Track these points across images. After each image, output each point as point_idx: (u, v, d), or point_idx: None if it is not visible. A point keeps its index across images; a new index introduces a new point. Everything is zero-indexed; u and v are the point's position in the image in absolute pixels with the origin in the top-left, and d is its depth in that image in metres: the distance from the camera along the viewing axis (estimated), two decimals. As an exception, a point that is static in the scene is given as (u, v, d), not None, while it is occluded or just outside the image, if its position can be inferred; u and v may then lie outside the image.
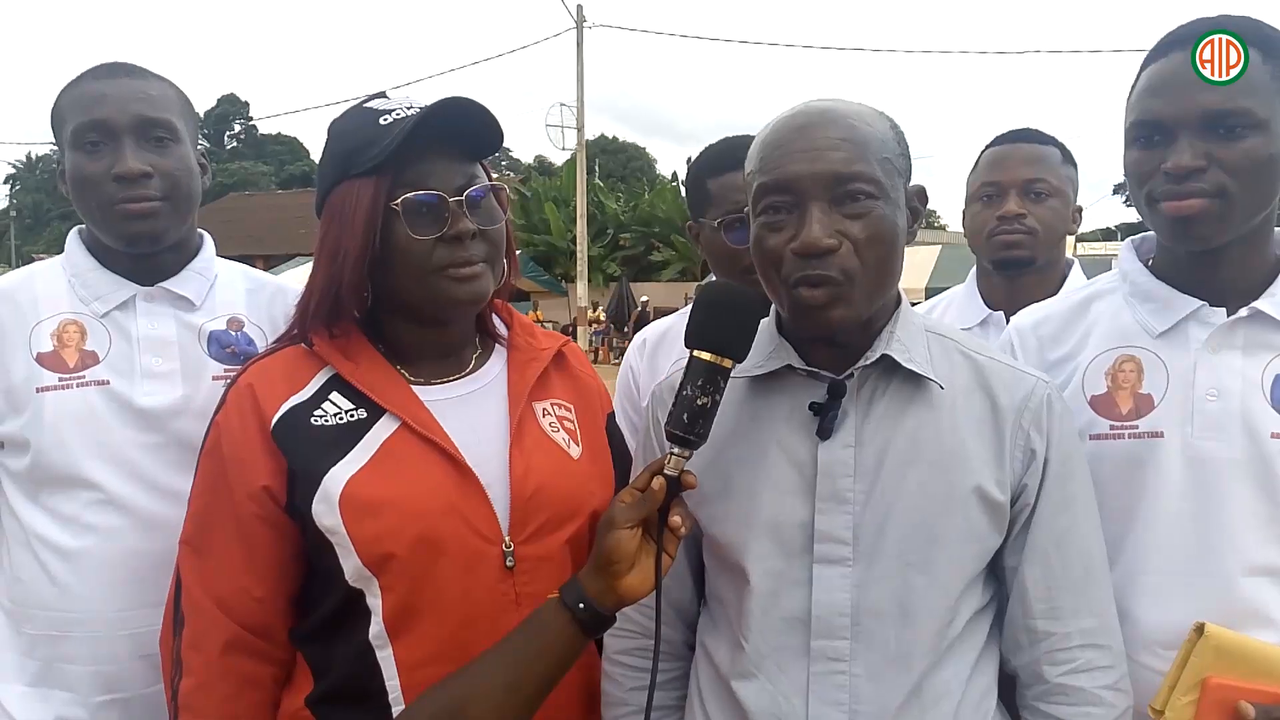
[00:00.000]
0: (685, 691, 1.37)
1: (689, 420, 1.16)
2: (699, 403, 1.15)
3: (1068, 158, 2.17)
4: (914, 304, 1.39)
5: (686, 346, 1.19)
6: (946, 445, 1.21)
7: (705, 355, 1.17)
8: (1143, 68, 1.35)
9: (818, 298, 1.17)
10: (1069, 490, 1.25)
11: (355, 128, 1.32)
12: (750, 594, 1.24)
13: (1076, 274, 2.16)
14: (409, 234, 1.28)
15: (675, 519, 1.17)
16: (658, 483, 1.16)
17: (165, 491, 1.56)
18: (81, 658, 1.57)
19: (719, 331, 1.18)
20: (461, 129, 1.31)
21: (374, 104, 1.33)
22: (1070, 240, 2.32)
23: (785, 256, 1.18)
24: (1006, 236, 2.10)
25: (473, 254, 1.30)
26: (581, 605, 1.17)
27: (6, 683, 1.61)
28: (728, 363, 1.17)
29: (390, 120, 1.28)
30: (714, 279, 1.30)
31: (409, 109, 1.30)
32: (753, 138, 1.28)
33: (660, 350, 2.09)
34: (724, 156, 1.89)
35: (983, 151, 2.22)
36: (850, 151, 1.17)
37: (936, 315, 2.23)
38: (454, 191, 1.29)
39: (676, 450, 1.17)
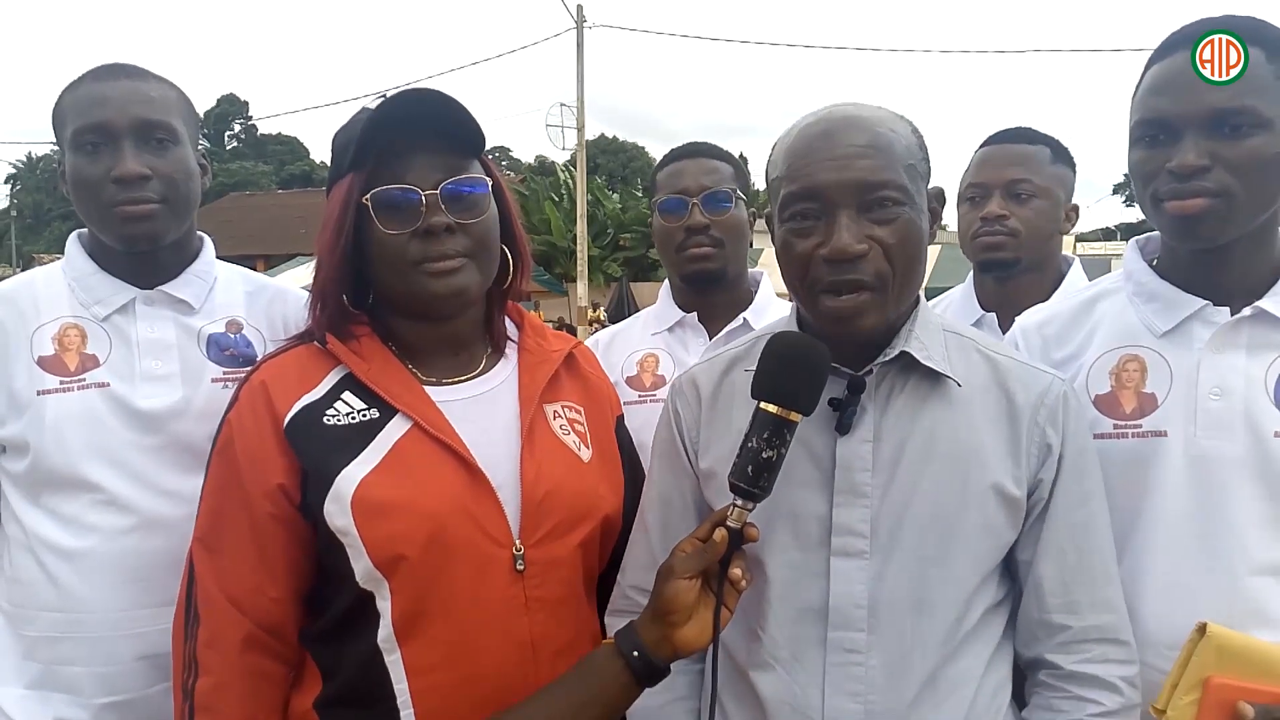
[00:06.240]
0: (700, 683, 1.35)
1: (754, 473, 1.14)
2: (764, 456, 1.14)
3: (1059, 156, 2.13)
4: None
5: (753, 398, 1.17)
6: (963, 441, 1.22)
7: (771, 408, 1.15)
8: (1147, 67, 1.35)
9: (847, 307, 1.18)
10: (1085, 486, 1.26)
11: (348, 128, 1.34)
12: (768, 585, 1.25)
13: (1076, 273, 2.14)
14: (381, 229, 1.29)
15: (736, 572, 1.17)
16: (719, 534, 1.16)
17: (166, 492, 1.57)
18: (82, 659, 1.57)
19: (786, 384, 1.16)
20: (443, 122, 1.31)
21: (371, 105, 1.33)
22: (1070, 240, 2.30)
23: (814, 261, 1.19)
24: (988, 238, 2.09)
25: (448, 248, 1.30)
26: (636, 653, 1.16)
27: (6, 685, 1.60)
28: (795, 416, 1.15)
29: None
30: (784, 330, 1.28)
31: None
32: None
33: (612, 348, 2.09)
34: (672, 152, 2.07)
35: (975, 153, 2.20)
36: (877, 159, 1.17)
37: None
38: (430, 186, 1.29)
39: (740, 503, 1.16)
